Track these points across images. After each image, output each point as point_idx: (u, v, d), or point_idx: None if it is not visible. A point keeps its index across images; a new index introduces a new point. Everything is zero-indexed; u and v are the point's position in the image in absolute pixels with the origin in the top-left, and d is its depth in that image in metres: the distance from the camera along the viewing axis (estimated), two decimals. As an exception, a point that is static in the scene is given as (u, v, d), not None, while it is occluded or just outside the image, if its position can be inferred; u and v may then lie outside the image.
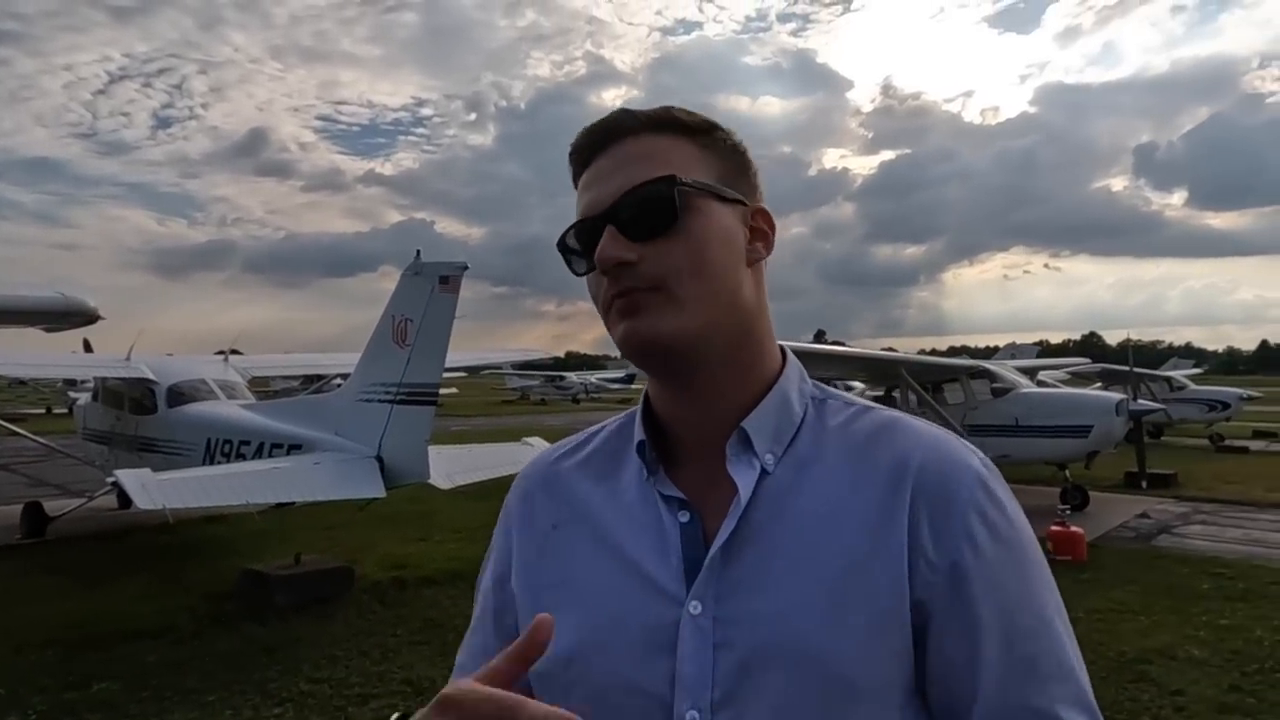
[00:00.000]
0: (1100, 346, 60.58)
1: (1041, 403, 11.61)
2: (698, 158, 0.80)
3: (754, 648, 0.72)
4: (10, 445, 16.63)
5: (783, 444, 0.80)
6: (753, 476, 0.77)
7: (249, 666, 5.28)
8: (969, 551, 0.73)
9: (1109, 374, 19.71)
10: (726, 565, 0.75)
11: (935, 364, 13.09)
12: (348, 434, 7.15)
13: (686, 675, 0.73)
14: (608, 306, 0.79)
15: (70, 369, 11.72)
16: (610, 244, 0.76)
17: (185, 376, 9.40)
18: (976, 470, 0.77)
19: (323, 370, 13.41)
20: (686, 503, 0.79)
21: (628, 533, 0.81)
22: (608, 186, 0.78)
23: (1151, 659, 5.46)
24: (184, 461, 8.15)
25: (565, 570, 0.83)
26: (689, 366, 0.79)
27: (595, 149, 0.81)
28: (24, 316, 5.55)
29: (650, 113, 0.82)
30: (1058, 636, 0.75)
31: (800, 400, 0.83)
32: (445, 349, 7.04)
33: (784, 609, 0.73)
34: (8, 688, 4.92)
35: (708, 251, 0.77)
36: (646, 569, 0.78)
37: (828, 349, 13.55)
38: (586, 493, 0.86)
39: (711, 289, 0.77)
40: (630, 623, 0.76)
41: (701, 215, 0.77)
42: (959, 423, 11.40)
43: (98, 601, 6.71)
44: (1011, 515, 0.77)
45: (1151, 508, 11.44)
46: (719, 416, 0.80)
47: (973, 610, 0.73)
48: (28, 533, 9.34)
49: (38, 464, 14.90)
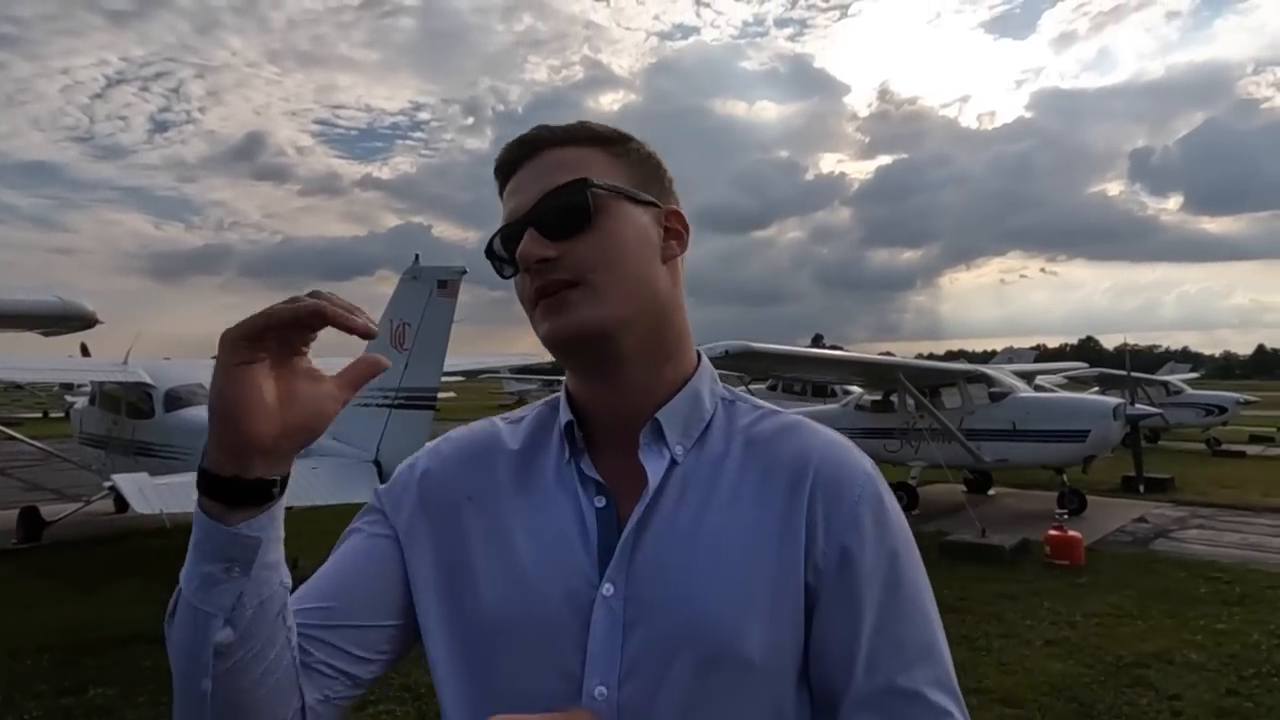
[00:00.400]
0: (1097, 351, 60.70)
1: (1039, 407, 11.62)
2: (611, 165, 0.86)
3: (662, 629, 0.77)
4: (6, 449, 16.61)
5: (692, 437, 0.85)
6: (662, 465, 0.83)
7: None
8: (855, 541, 0.80)
9: (1106, 378, 19.74)
10: (637, 549, 0.80)
11: (933, 368, 13.10)
12: (345, 438, 7.14)
13: (597, 653, 0.77)
14: (533, 303, 0.83)
15: (67, 373, 11.71)
16: (531, 243, 0.81)
17: (183, 380, 9.38)
18: (867, 471, 0.85)
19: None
20: (603, 487, 0.84)
21: (545, 514, 0.84)
22: (527, 194, 0.84)
23: (1149, 663, 5.47)
24: (181, 466, 8.13)
25: (476, 546, 0.85)
26: (609, 356, 0.83)
27: (516, 163, 0.87)
28: (21, 320, 5.55)
29: (566, 127, 0.87)
30: (928, 622, 0.82)
31: (711, 399, 0.89)
32: (444, 353, 7.04)
33: (691, 592, 0.78)
34: (3, 693, 4.91)
35: (622, 246, 0.82)
36: (563, 550, 0.82)
37: (825, 353, 13.59)
38: (506, 472, 0.89)
39: (628, 280, 0.82)
40: (546, 601, 0.80)
41: (614, 215, 0.83)
42: (956, 427, 11.41)
43: (93, 606, 6.69)
44: (893, 512, 0.84)
45: (1149, 512, 11.46)
46: (635, 408, 0.85)
47: (855, 593, 0.80)
48: (24, 537, 9.31)
49: (33, 468, 14.89)
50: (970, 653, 5.68)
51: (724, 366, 13.03)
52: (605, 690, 0.77)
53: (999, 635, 6.06)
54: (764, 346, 11.02)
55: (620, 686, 0.77)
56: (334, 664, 0.83)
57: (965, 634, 6.05)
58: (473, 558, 0.85)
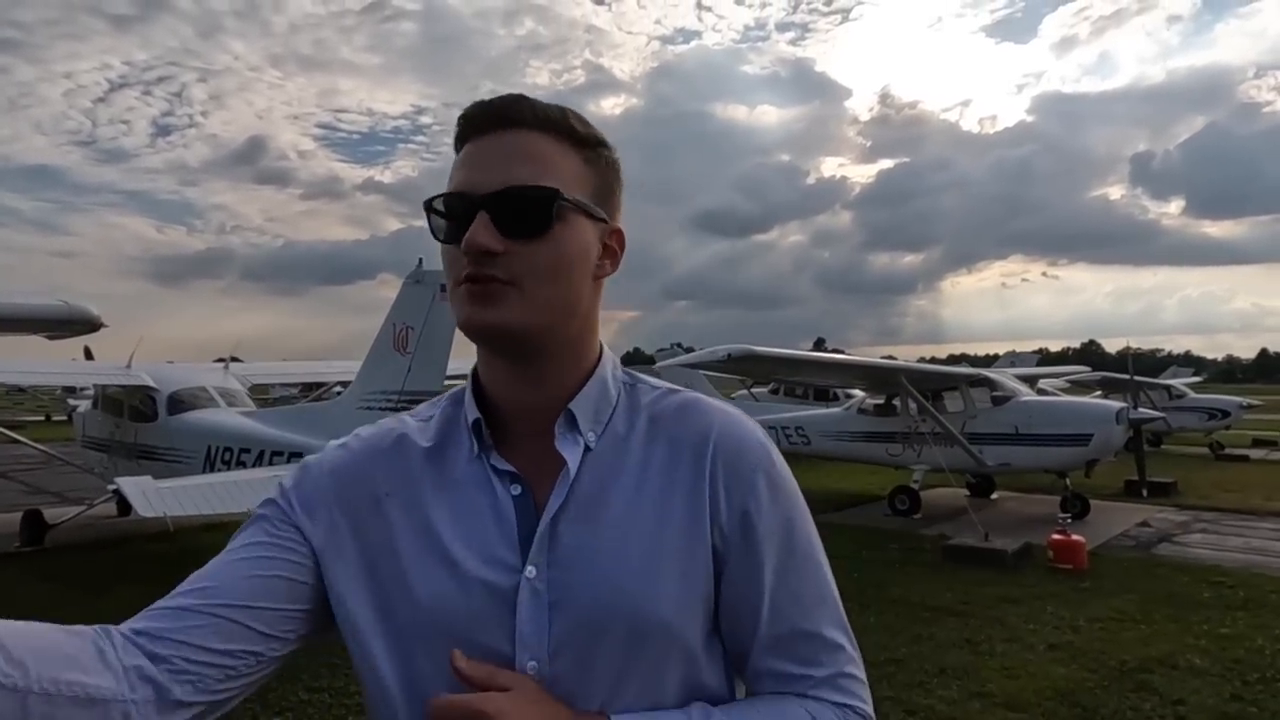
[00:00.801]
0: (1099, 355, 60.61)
1: (1042, 411, 11.61)
2: (580, 170, 0.86)
3: (585, 605, 0.81)
4: (8, 452, 16.63)
5: (602, 423, 0.89)
6: (578, 452, 0.86)
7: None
8: (754, 506, 0.86)
9: (1109, 382, 19.71)
10: (557, 532, 0.84)
11: (935, 372, 13.09)
12: (348, 442, 7.15)
13: (525, 634, 0.81)
14: (458, 283, 0.84)
15: (72, 376, 11.73)
16: (482, 231, 0.81)
17: (186, 384, 9.39)
18: (760, 441, 0.90)
19: (322, 378, 13.44)
20: (518, 476, 0.87)
21: (461, 505, 0.87)
22: (491, 173, 0.83)
23: (1153, 668, 5.46)
24: (184, 469, 8.14)
25: (401, 539, 0.86)
26: (523, 354, 0.87)
27: (488, 126, 0.85)
28: (26, 324, 5.57)
29: (549, 111, 0.86)
30: (821, 572, 0.91)
31: (615, 385, 0.92)
32: (447, 357, 7.05)
33: (609, 568, 0.82)
34: (6, 696, 4.90)
35: (564, 262, 0.84)
36: (483, 538, 0.85)
37: (828, 356, 13.60)
38: (420, 467, 0.90)
39: (558, 295, 0.84)
40: (470, 588, 0.83)
41: (569, 228, 0.84)
42: (959, 430, 11.40)
43: (96, 610, 6.69)
44: (786, 476, 0.91)
45: (1152, 516, 11.44)
46: (547, 400, 0.88)
47: (757, 554, 0.86)
48: (27, 540, 9.32)
49: (35, 471, 14.89)
50: (973, 656, 5.68)
51: (726, 370, 13.05)
52: (536, 664, 0.81)
53: (1002, 639, 6.05)
54: (766, 350, 11.03)
55: (550, 661, 0.81)
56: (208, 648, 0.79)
57: (968, 638, 6.04)
58: (398, 552, 0.86)
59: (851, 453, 13.01)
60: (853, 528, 10.47)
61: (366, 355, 7.59)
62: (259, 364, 13.23)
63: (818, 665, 0.87)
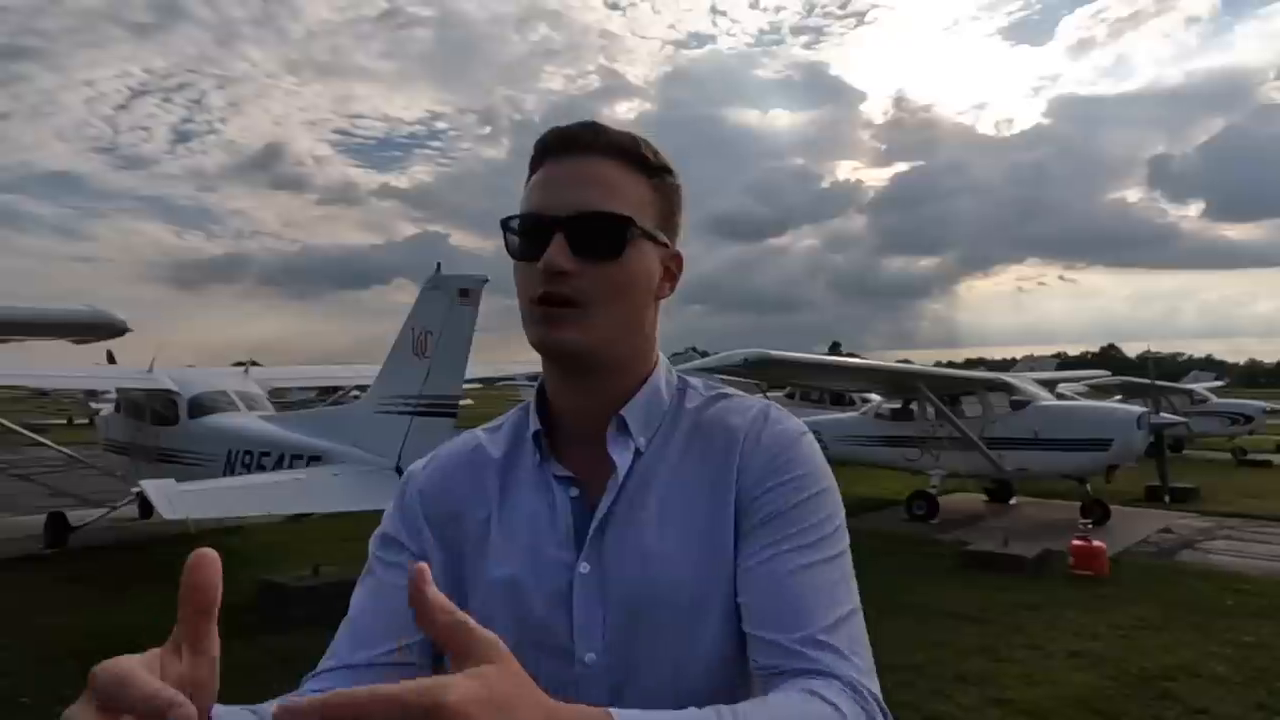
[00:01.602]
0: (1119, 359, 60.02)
1: (1061, 416, 11.51)
2: (649, 196, 0.91)
3: (630, 595, 0.87)
4: (32, 455, 16.85)
5: (653, 427, 0.94)
6: (628, 456, 0.91)
7: (267, 678, 5.27)
8: (774, 475, 0.89)
9: (1129, 387, 19.53)
10: (606, 530, 0.89)
11: (953, 376, 13.03)
12: (367, 445, 7.19)
13: (582, 625, 0.88)
14: (532, 302, 0.88)
15: (94, 380, 11.88)
16: (559, 251, 0.85)
17: (207, 388, 9.48)
18: (795, 428, 0.94)
19: (340, 382, 13.52)
20: (575, 480, 0.93)
21: (525, 509, 0.94)
22: (567, 195, 0.88)
23: (1175, 676, 5.40)
24: (204, 472, 8.22)
25: (474, 550, 0.94)
26: (588, 369, 0.92)
27: (563, 150, 0.90)
28: (54, 329, 5.68)
29: (621, 139, 0.91)
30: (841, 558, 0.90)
31: (668, 390, 0.97)
32: (465, 361, 7.08)
33: (650, 561, 0.88)
34: (32, 697, 4.97)
35: (631, 286, 0.90)
36: (544, 539, 0.91)
37: (844, 361, 13.56)
38: (492, 479, 0.97)
39: (622, 317, 0.90)
40: (534, 588, 0.90)
41: (638, 253, 0.90)
42: (977, 435, 11.33)
43: (118, 611, 6.77)
44: (817, 463, 0.92)
45: (1174, 522, 11.32)
46: (603, 408, 0.93)
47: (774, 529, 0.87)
48: (50, 542, 9.43)
49: (57, 474, 15.08)
50: (993, 663, 5.64)
51: (742, 375, 13.03)
52: (594, 656, 0.87)
53: (1022, 646, 6.01)
54: (782, 354, 11.02)
55: (606, 651, 0.87)
56: None
57: (987, 644, 6.00)
58: (468, 556, 0.95)
59: (868, 457, 12.95)
60: (869, 533, 10.41)
61: (385, 359, 7.64)
62: (278, 368, 13.34)
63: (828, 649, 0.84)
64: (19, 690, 5.06)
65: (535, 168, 0.92)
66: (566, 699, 0.68)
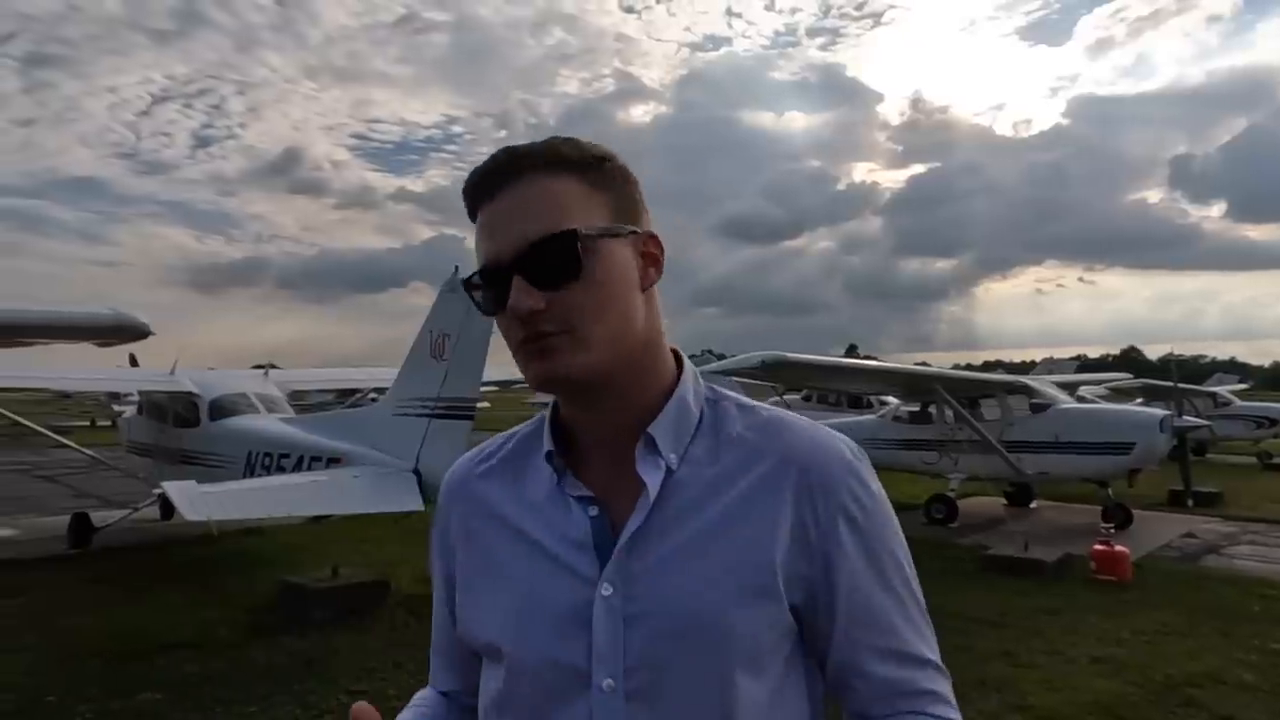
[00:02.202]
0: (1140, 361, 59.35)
1: (1082, 419, 11.39)
2: (590, 196, 0.85)
3: (660, 622, 0.83)
4: (56, 457, 17.07)
5: (683, 444, 0.89)
6: (659, 476, 0.87)
7: (288, 678, 5.35)
8: (844, 523, 0.87)
9: (1151, 389, 19.31)
10: (633, 552, 0.85)
11: (972, 379, 12.93)
12: (386, 448, 7.23)
13: (601, 648, 0.83)
14: (518, 347, 0.86)
15: (117, 383, 12.02)
16: (521, 295, 0.82)
17: (227, 390, 9.57)
18: (848, 458, 0.90)
19: (357, 385, 13.61)
20: (594, 499, 0.89)
21: (542, 528, 0.90)
22: (509, 235, 0.83)
23: (1200, 683, 5.32)
24: (225, 474, 8.29)
25: (487, 563, 0.93)
26: (595, 395, 0.88)
27: (489, 192, 0.86)
28: (78, 331, 5.77)
29: (539, 151, 0.86)
30: (910, 589, 0.92)
31: (696, 403, 0.92)
32: (482, 364, 7.09)
33: (684, 587, 0.83)
34: (57, 695, 5.03)
35: (609, 292, 0.84)
36: (562, 558, 0.87)
37: (862, 363, 13.47)
38: (501, 494, 0.96)
39: (613, 326, 0.85)
40: (549, 605, 0.86)
41: (601, 258, 0.84)
42: (996, 439, 11.23)
43: (140, 612, 6.84)
44: (875, 493, 0.91)
45: (1198, 527, 11.17)
46: (623, 424, 0.89)
47: (844, 570, 0.87)
48: (74, 543, 9.54)
49: (80, 475, 15.28)
50: (1012, 669, 5.58)
51: (759, 377, 12.99)
52: (612, 682, 0.83)
53: (1042, 652, 5.94)
54: (799, 357, 10.98)
55: (626, 677, 0.83)
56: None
57: (1007, 649, 5.95)
58: (477, 572, 0.94)
59: (886, 461, 12.85)
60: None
61: (403, 362, 7.68)
62: (297, 371, 13.45)
63: (908, 684, 0.90)
64: (45, 689, 5.12)
65: (473, 215, 0.88)
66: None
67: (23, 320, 5.34)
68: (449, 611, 1.01)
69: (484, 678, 0.94)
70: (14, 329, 5.42)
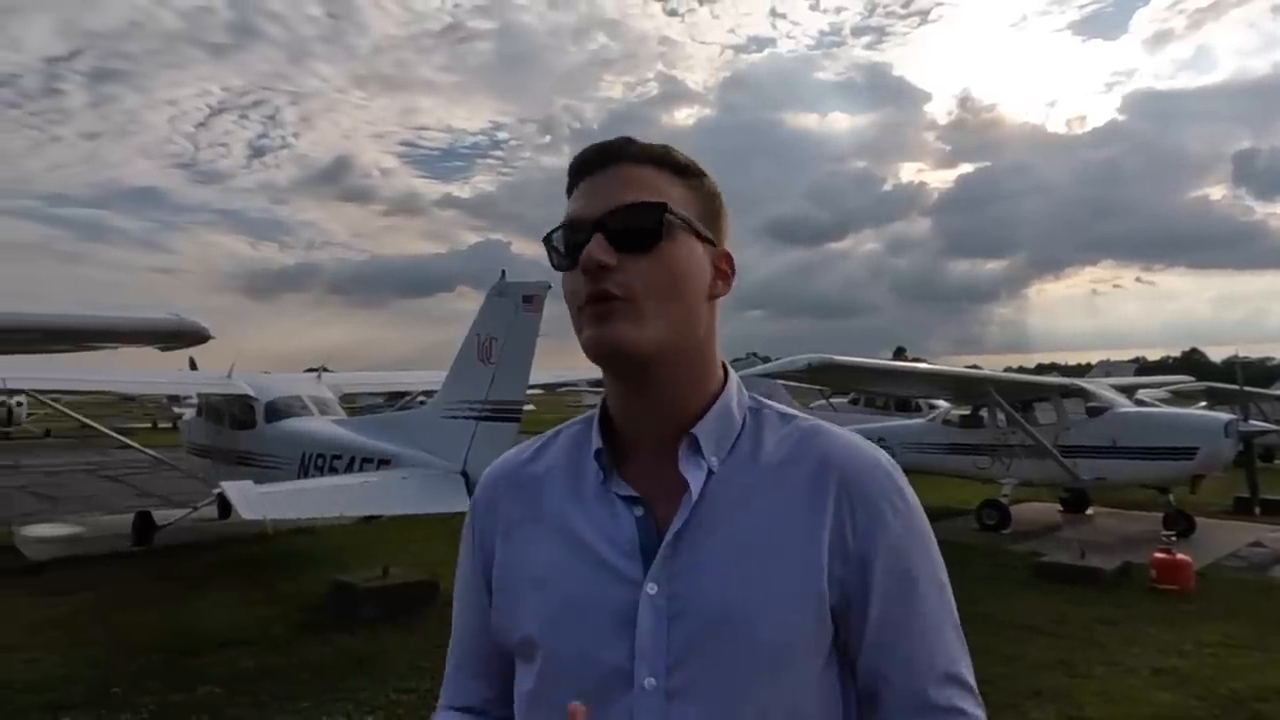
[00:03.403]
0: (1203, 363, 57.34)
1: (1141, 422, 11.04)
2: (684, 195, 0.90)
3: (702, 621, 0.84)
4: (119, 458, 17.67)
5: (725, 448, 0.91)
6: (701, 476, 0.89)
7: (339, 675, 5.46)
8: (879, 534, 0.88)
9: (1215, 393, 18.64)
10: (677, 551, 0.87)
11: (1025, 382, 12.63)
12: (434, 449, 7.33)
13: (645, 647, 0.84)
14: (580, 307, 0.87)
15: (177, 386, 12.41)
16: (597, 248, 0.85)
17: (282, 393, 9.81)
18: (886, 468, 0.92)
19: (406, 387, 13.83)
20: (640, 499, 0.90)
21: (587, 526, 0.91)
22: (601, 199, 0.88)
23: (1269, 697, 5.12)
24: (280, 475, 8.49)
25: (528, 559, 0.94)
26: (643, 373, 0.89)
27: (595, 165, 0.90)
28: (141, 336, 5.99)
29: (650, 146, 0.91)
30: (945, 604, 0.93)
31: (739, 410, 0.95)
32: (529, 366, 7.16)
33: (727, 587, 0.85)
34: (122, 688, 5.20)
35: (678, 277, 0.87)
36: (606, 557, 0.88)
37: (910, 366, 13.27)
38: (549, 491, 0.96)
39: (672, 312, 0.87)
40: (593, 604, 0.87)
41: (679, 244, 0.88)
42: (1051, 443, 10.95)
43: (199, 608, 7.04)
44: (913, 504, 0.92)
45: (1265, 536, 10.73)
46: (670, 422, 0.91)
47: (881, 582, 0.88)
48: (137, 540, 9.85)
49: (143, 475, 15.80)
50: (1069, 679, 5.43)
51: (805, 380, 12.87)
52: (654, 680, 0.84)
53: (1100, 663, 5.77)
54: (847, 360, 10.84)
55: (668, 676, 0.84)
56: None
57: (1062, 659, 5.79)
58: (523, 571, 0.94)
59: (936, 465, 12.63)
60: (938, 543, 10.17)
61: (451, 365, 7.78)
62: (348, 374, 13.74)
63: (934, 699, 0.89)
64: (110, 682, 5.30)
65: (572, 188, 0.92)
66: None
67: (89, 325, 5.57)
68: (477, 612, 1.01)
69: (518, 678, 0.94)
70: (81, 334, 5.65)
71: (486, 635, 1.00)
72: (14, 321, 4.94)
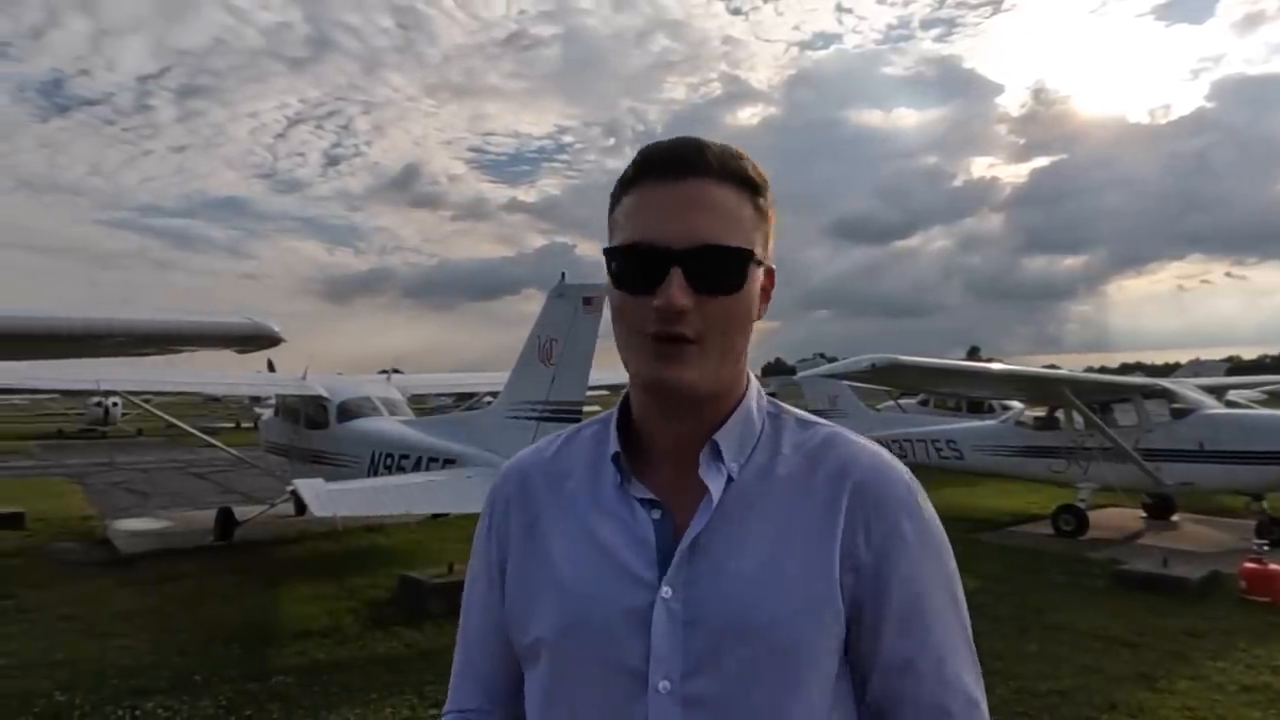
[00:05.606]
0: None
1: (1232, 425, 10.47)
2: (755, 218, 0.88)
3: (718, 625, 0.84)
4: (204, 456, 18.50)
5: (745, 454, 0.91)
6: (722, 482, 0.88)
7: (406, 669, 5.60)
8: (895, 547, 0.87)
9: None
10: (694, 556, 0.86)
11: (1103, 382, 12.12)
12: (498, 449, 7.46)
13: (660, 650, 0.84)
14: (646, 339, 0.84)
15: (256, 387, 12.92)
16: (677, 291, 0.82)
17: (353, 394, 10.12)
18: (905, 482, 0.91)
19: (473, 388, 14.11)
20: (658, 502, 0.89)
21: (605, 527, 0.90)
22: (682, 225, 0.83)
23: (1371, 719, 4.80)
24: (350, 473, 8.76)
25: (545, 559, 0.92)
26: (696, 407, 0.89)
27: (668, 173, 0.85)
28: (217, 339, 6.27)
29: (726, 159, 0.86)
30: (959, 620, 0.92)
31: (759, 416, 0.94)
32: (589, 368, 7.23)
33: (743, 592, 0.84)
34: (202, 675, 5.45)
35: (743, 316, 0.88)
36: (623, 559, 0.88)
37: (979, 366, 12.87)
38: (568, 491, 0.95)
39: (734, 346, 0.88)
40: (609, 606, 0.86)
41: (750, 281, 0.87)
42: (1133, 446, 10.49)
43: (274, 601, 7.32)
44: (930, 519, 0.91)
45: (1369, 546, 10.06)
46: (695, 431, 0.90)
47: (895, 595, 0.87)
48: (219, 535, 10.29)
49: (225, 473, 16.50)
50: (1150, 694, 5.19)
51: (869, 381, 12.62)
52: (669, 684, 0.83)
53: (1184, 676, 5.50)
54: (911, 360, 10.58)
55: (683, 680, 0.83)
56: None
57: (1144, 672, 5.54)
58: (535, 567, 0.93)
59: (1010, 469, 12.23)
60: (1011, 549, 9.85)
61: (513, 367, 7.90)
62: (417, 375, 14.09)
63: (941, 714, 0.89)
64: (192, 669, 5.55)
65: (632, 186, 0.87)
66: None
67: (168, 329, 5.86)
68: (486, 613, 1.00)
69: (531, 678, 0.94)
70: (162, 337, 5.95)
71: (494, 638, 0.99)
72: (103, 327, 5.25)
